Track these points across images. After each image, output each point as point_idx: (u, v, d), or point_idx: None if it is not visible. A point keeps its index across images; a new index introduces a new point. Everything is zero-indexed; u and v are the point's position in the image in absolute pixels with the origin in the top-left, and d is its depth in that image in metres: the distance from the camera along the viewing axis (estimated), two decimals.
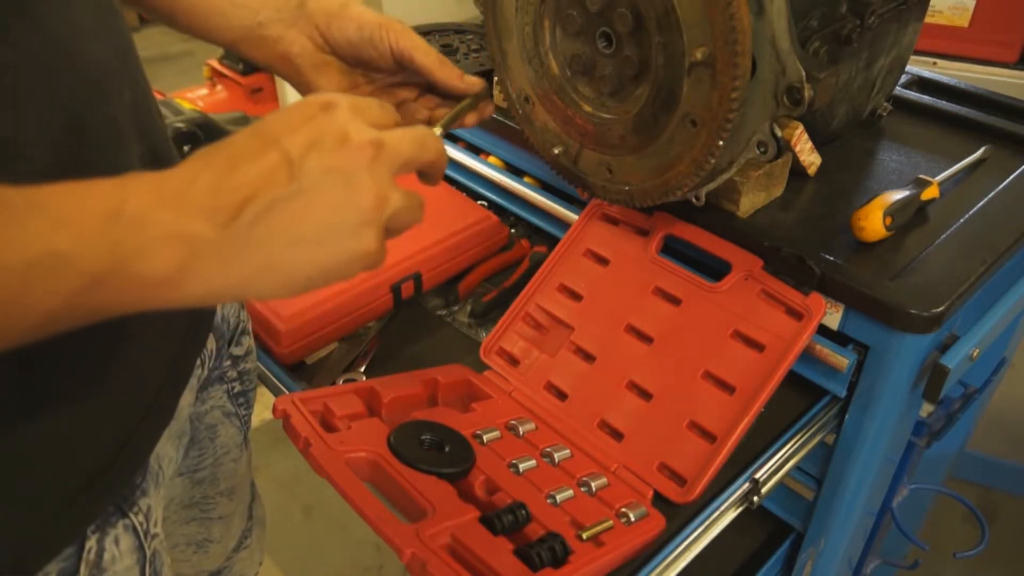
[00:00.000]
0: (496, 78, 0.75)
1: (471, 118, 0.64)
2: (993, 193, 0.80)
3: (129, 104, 0.51)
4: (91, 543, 0.52)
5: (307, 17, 0.63)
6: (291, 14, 0.63)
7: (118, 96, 0.50)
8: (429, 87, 0.66)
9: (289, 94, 2.26)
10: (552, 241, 0.91)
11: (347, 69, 0.66)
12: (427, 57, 0.63)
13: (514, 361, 0.79)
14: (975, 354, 0.71)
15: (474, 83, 0.65)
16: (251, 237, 0.40)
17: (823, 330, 0.70)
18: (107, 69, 0.49)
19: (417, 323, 0.90)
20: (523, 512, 0.60)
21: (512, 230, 1.02)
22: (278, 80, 2.35)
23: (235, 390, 0.77)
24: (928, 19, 1.38)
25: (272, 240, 0.41)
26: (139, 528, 0.56)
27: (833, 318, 0.70)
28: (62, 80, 0.44)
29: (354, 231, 0.43)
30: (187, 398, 0.66)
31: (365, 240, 0.43)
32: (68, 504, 0.50)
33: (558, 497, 0.63)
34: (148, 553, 0.57)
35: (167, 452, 0.64)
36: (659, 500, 0.66)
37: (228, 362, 0.75)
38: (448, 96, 0.65)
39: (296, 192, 0.41)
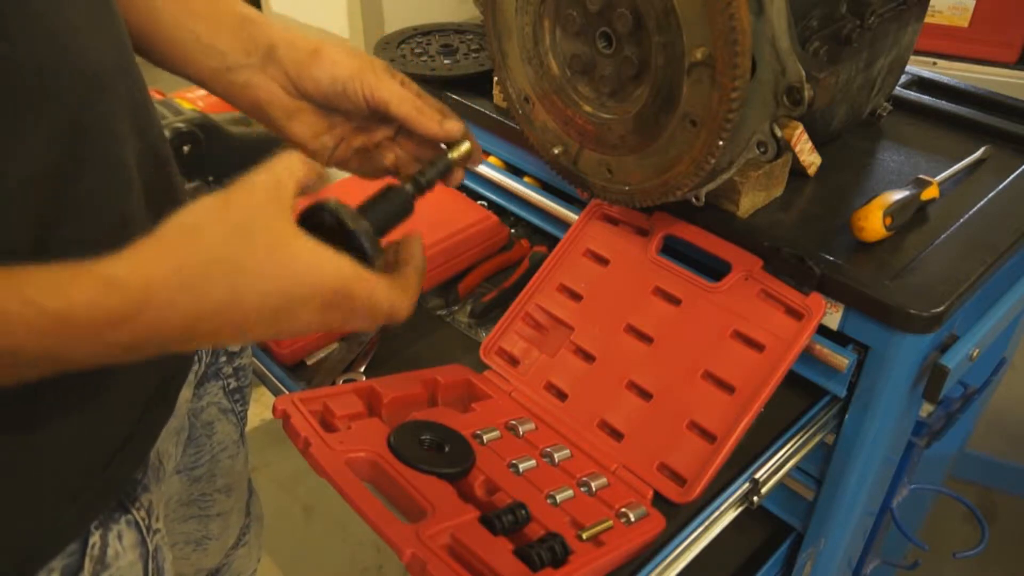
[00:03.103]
0: (496, 78, 0.75)
1: (458, 175, 0.63)
2: (993, 193, 0.80)
3: (127, 101, 0.51)
4: (95, 539, 0.53)
5: (277, 64, 0.60)
6: (260, 59, 0.60)
7: (116, 93, 0.50)
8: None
9: None
10: (552, 241, 0.91)
11: (322, 112, 0.63)
12: (402, 107, 0.60)
13: (514, 361, 0.79)
14: (975, 354, 0.71)
15: (453, 130, 0.61)
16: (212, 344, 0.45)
17: (823, 330, 0.70)
18: (105, 66, 0.48)
19: (417, 323, 0.90)
20: (523, 512, 0.60)
21: (512, 230, 1.02)
22: None
23: (231, 386, 0.77)
24: (928, 19, 1.38)
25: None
26: (141, 524, 0.56)
27: (833, 318, 0.70)
28: (61, 77, 0.44)
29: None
30: (185, 393, 0.66)
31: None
32: (72, 500, 0.51)
33: (558, 497, 0.63)
34: (151, 548, 0.57)
35: (167, 448, 0.64)
36: (659, 500, 0.66)
37: (224, 358, 0.75)
38: (428, 140, 0.63)
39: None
